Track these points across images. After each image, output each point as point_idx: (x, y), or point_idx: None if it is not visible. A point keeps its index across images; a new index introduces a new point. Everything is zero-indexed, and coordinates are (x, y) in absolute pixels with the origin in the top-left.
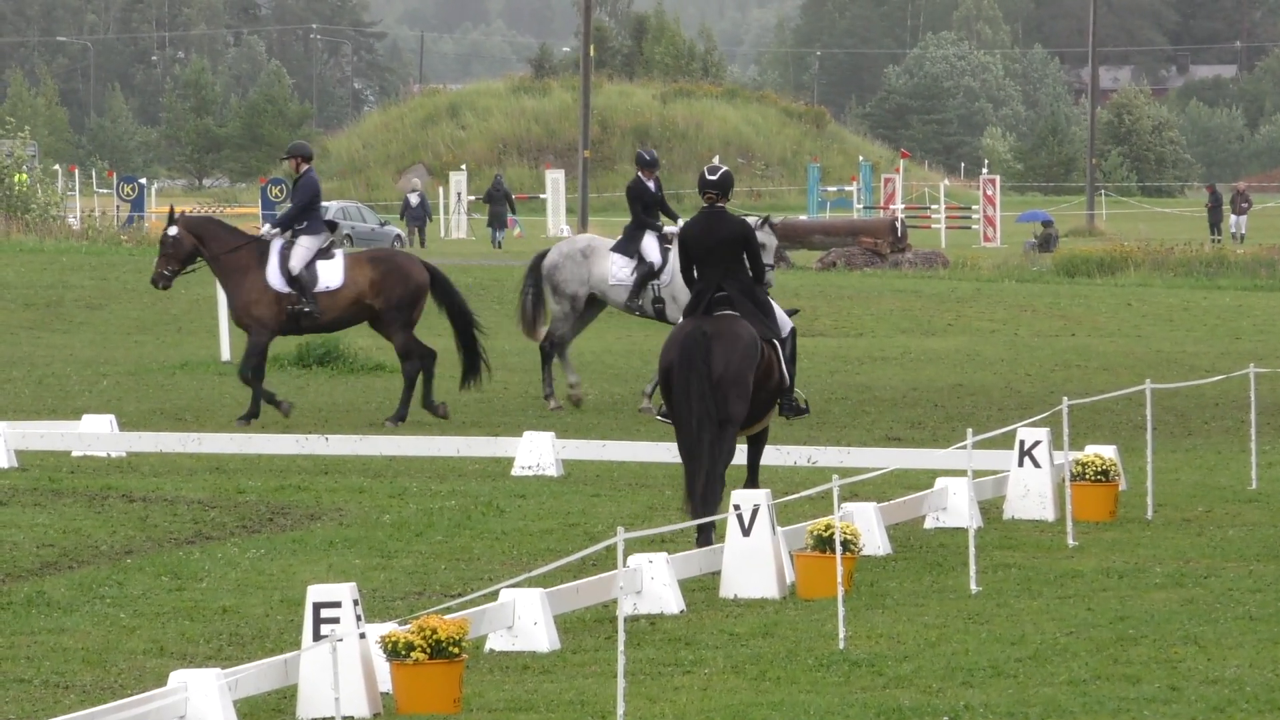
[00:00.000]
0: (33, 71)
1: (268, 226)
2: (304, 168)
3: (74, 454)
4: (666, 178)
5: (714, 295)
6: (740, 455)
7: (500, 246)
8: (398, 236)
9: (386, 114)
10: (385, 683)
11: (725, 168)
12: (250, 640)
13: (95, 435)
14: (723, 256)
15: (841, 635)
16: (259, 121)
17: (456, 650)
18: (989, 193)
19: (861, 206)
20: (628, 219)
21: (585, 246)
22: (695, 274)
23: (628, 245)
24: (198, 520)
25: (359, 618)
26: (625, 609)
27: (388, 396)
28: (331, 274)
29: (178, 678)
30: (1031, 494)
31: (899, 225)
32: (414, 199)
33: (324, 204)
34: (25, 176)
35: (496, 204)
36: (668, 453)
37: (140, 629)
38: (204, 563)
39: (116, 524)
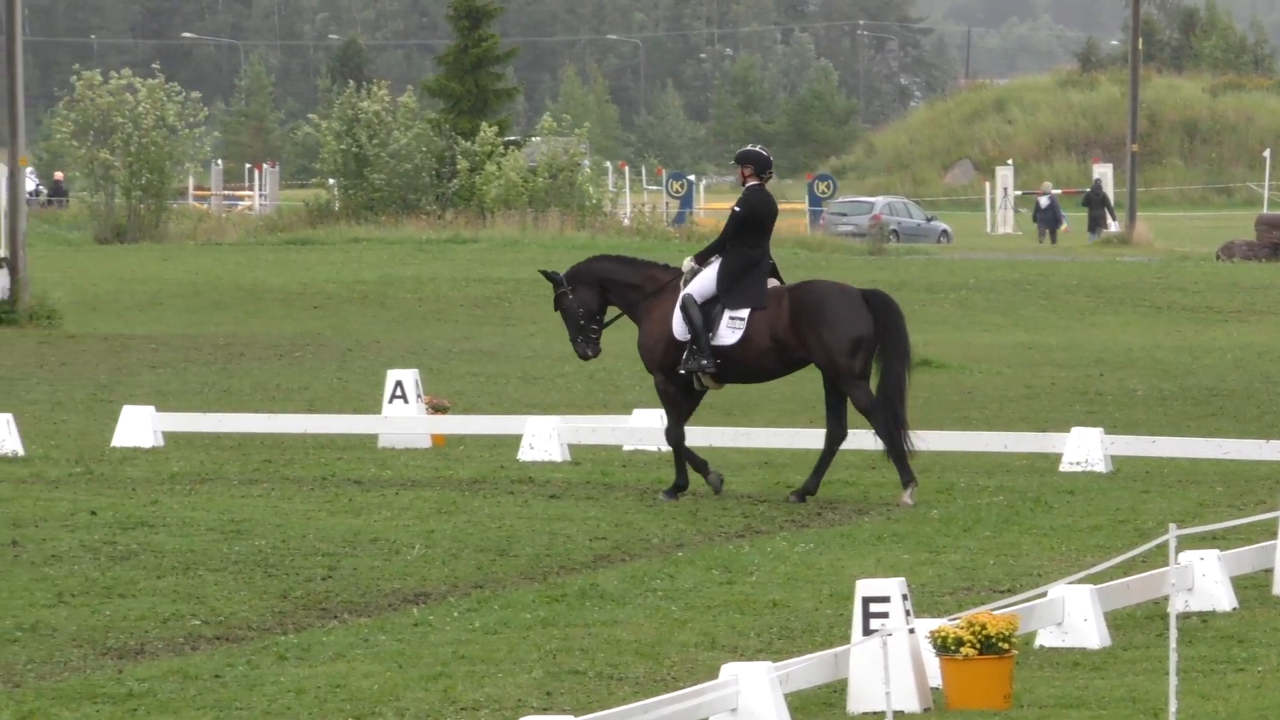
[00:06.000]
0: (584, 70)
1: None
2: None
3: (625, 448)
4: (1215, 171)
5: (770, 263)
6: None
7: (1098, 239)
8: (943, 232)
9: (933, 109)
10: (935, 678)
11: None
12: (800, 634)
13: (646, 429)
14: (771, 230)
15: None
16: (806, 118)
17: (1006, 646)
18: None
19: None
20: (1174, 213)
21: None
22: (746, 242)
23: None
24: (747, 515)
25: (908, 612)
26: (1177, 606)
27: (934, 392)
28: None
29: (729, 671)
30: None
31: None
32: (1044, 201)
33: (870, 199)
34: (589, 174)
35: (1095, 208)
36: (1218, 449)
37: (691, 622)
38: (754, 556)
39: (667, 518)
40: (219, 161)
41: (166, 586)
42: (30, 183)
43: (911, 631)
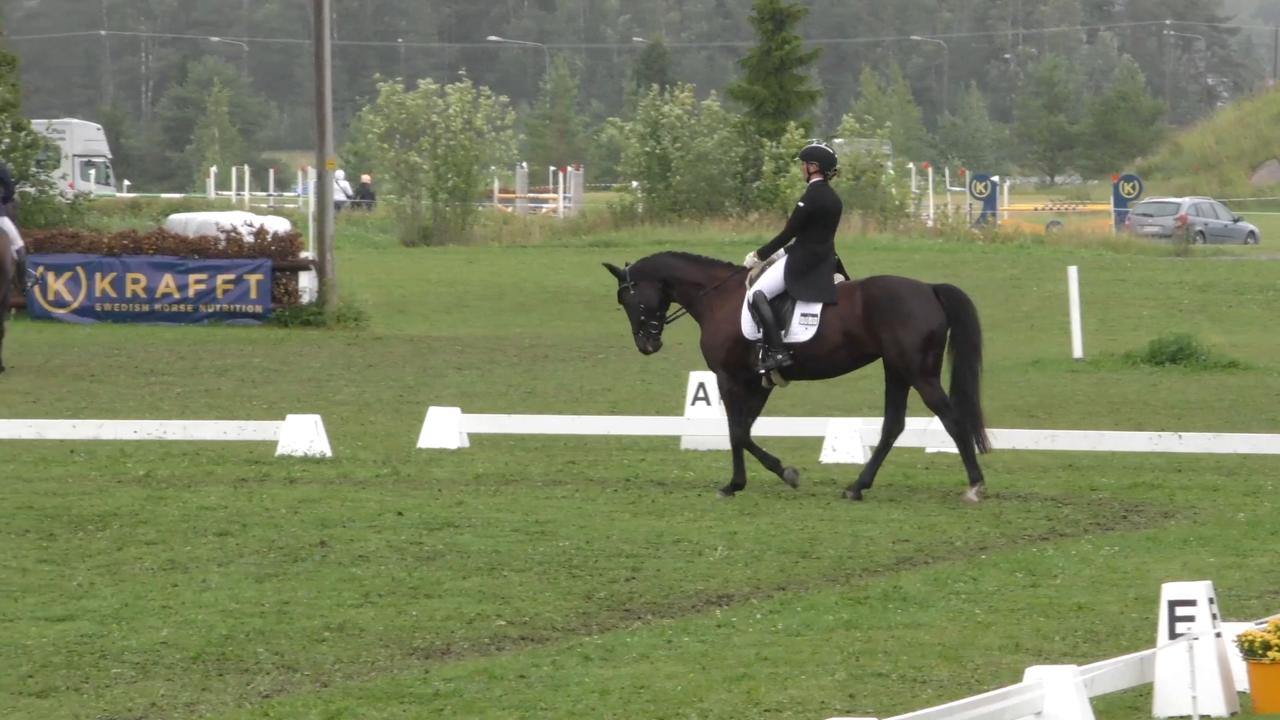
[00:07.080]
0: (886, 71)
1: None
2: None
3: (927, 450)
4: None
5: (835, 259)
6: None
7: None
8: (1250, 233)
9: (1240, 109)
10: (1241, 682)
11: None
12: (1105, 637)
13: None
14: (836, 225)
15: None
16: (1112, 118)
17: None
18: None
19: None
20: None
21: None
22: (812, 238)
23: None
24: (1051, 517)
25: (1215, 616)
26: None
27: (1241, 394)
28: None
29: (1034, 674)
30: None
31: None
32: None
33: (1176, 200)
34: (892, 176)
35: None
36: None
37: (995, 625)
38: (1058, 559)
39: (971, 520)
40: (524, 164)
41: (472, 587)
42: (340, 189)
43: (1218, 635)
